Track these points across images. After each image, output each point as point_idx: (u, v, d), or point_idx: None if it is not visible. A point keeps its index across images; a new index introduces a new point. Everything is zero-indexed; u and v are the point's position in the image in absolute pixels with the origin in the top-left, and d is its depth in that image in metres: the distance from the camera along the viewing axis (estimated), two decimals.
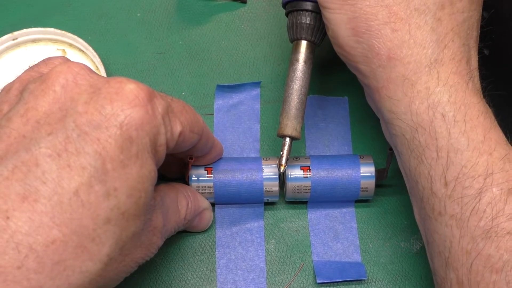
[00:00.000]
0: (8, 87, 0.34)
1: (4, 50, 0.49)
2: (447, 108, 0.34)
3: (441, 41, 0.35)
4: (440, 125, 0.34)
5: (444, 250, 0.34)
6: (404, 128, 0.35)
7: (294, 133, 0.40)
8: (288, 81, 0.41)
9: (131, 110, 0.31)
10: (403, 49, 0.35)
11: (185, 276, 0.42)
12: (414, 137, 0.35)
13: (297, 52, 0.41)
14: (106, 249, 0.30)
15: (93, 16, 0.52)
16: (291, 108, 0.40)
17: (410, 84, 0.35)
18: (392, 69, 0.35)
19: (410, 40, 0.35)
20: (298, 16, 0.41)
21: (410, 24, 0.35)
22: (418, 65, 0.35)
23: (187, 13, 0.53)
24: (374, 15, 0.35)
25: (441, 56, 0.35)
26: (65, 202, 0.29)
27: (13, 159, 0.29)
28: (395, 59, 0.35)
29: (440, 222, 0.34)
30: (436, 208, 0.34)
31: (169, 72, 0.50)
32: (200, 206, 0.42)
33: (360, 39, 0.36)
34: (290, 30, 0.42)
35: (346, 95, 0.49)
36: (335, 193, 0.43)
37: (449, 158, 0.33)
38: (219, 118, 0.48)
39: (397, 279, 0.42)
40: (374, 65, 0.36)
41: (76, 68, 0.32)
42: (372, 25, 0.35)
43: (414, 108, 0.35)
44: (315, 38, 0.41)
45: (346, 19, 0.36)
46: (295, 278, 0.42)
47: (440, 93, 0.34)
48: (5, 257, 0.27)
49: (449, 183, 0.33)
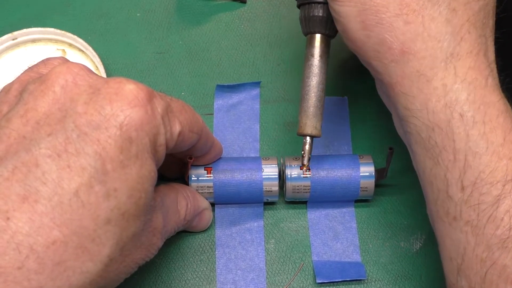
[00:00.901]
0: (8, 88, 0.34)
1: (3, 50, 0.49)
2: (465, 107, 0.32)
3: (457, 33, 0.33)
4: (458, 126, 0.32)
5: (457, 256, 0.33)
6: (420, 127, 0.34)
7: (315, 131, 0.39)
8: (305, 77, 0.40)
9: (131, 110, 0.31)
10: (417, 43, 0.33)
11: (185, 276, 0.42)
12: (430, 137, 0.33)
13: (312, 46, 0.39)
14: (107, 250, 0.30)
15: (93, 16, 0.52)
16: (310, 106, 0.39)
17: (426, 80, 0.33)
18: (406, 64, 0.34)
19: (424, 33, 0.33)
20: (310, 9, 0.39)
21: (424, 16, 0.33)
22: (433, 59, 0.33)
23: (187, 13, 0.53)
24: (385, 7, 0.34)
25: (458, 50, 0.33)
26: (65, 202, 0.29)
27: (13, 159, 0.29)
28: (408, 53, 0.34)
29: (454, 227, 0.33)
30: (451, 213, 0.33)
31: (169, 72, 0.50)
32: (199, 206, 0.42)
33: (370, 33, 0.34)
34: (303, 24, 0.40)
35: (346, 95, 0.49)
36: (334, 193, 0.43)
37: (467, 161, 0.32)
38: (219, 118, 0.48)
39: (397, 279, 0.42)
40: (387, 60, 0.34)
41: (76, 69, 0.32)
42: (383, 18, 0.34)
43: (430, 106, 0.33)
44: (329, 31, 0.39)
45: (356, 11, 0.34)
46: (295, 278, 0.42)
47: (458, 90, 0.33)
48: (5, 258, 0.27)
49: (466, 188, 0.32)
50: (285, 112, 0.48)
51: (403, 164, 0.46)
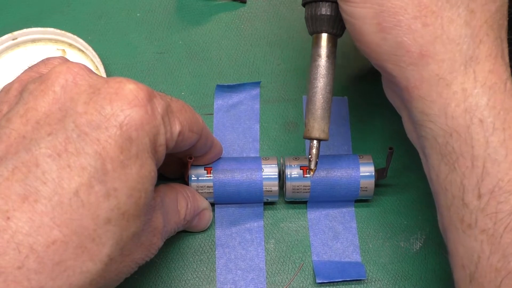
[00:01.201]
0: (8, 88, 0.34)
1: (4, 50, 0.49)
2: (485, 113, 0.32)
3: (476, 35, 0.32)
4: (478, 132, 0.31)
5: (470, 264, 0.32)
6: (437, 132, 0.33)
7: (323, 135, 0.38)
8: (312, 79, 0.38)
9: (131, 110, 0.31)
10: (436, 46, 0.32)
11: (185, 276, 0.42)
12: (448, 142, 0.32)
13: (319, 46, 0.38)
14: (107, 250, 0.30)
15: (93, 16, 0.52)
16: (317, 108, 0.38)
17: (445, 84, 0.32)
18: (425, 67, 0.33)
19: (443, 36, 0.32)
20: (317, 7, 0.37)
21: (443, 18, 0.32)
22: (452, 63, 0.32)
23: (187, 13, 0.53)
24: (403, 9, 0.32)
25: (477, 53, 0.32)
26: (65, 202, 0.29)
27: (13, 159, 0.29)
28: (428, 56, 0.32)
29: (468, 235, 0.32)
30: (466, 220, 0.32)
31: (168, 72, 0.50)
32: (199, 206, 0.42)
33: (387, 36, 0.33)
34: (309, 23, 0.38)
35: (346, 95, 0.49)
36: (334, 193, 0.43)
37: (485, 168, 0.31)
38: (219, 118, 0.48)
39: (397, 279, 0.42)
40: (404, 64, 0.33)
41: (76, 69, 0.32)
42: (401, 20, 0.33)
43: (449, 111, 0.32)
44: (337, 30, 0.38)
45: (372, 13, 0.33)
46: (295, 278, 0.42)
47: (478, 95, 0.32)
48: (5, 258, 0.27)
49: (483, 196, 0.31)
50: (285, 112, 0.48)
51: (403, 164, 0.46)
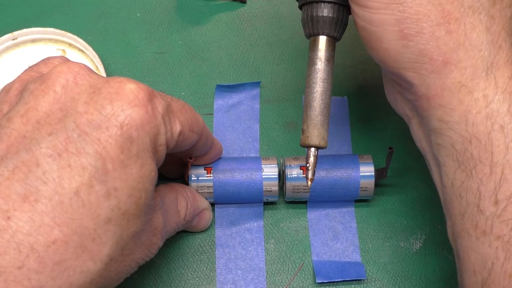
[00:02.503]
0: (8, 87, 0.34)
1: (4, 50, 0.49)
2: (506, 119, 0.31)
3: (496, 41, 0.32)
4: (498, 138, 0.31)
5: (483, 270, 0.32)
6: (455, 139, 0.32)
7: (322, 142, 0.36)
8: (311, 83, 0.36)
9: (131, 110, 0.31)
10: (459, 53, 0.32)
11: (185, 275, 0.42)
12: (466, 149, 0.32)
13: (318, 49, 0.36)
14: (107, 249, 0.30)
15: (93, 16, 0.52)
16: (317, 115, 0.36)
17: (467, 91, 0.32)
18: (448, 75, 0.32)
19: (466, 42, 0.32)
20: (316, 8, 0.35)
21: (465, 24, 0.32)
22: (474, 70, 0.32)
23: (187, 13, 0.53)
24: (427, 15, 0.32)
25: (497, 59, 0.32)
26: (65, 202, 0.29)
27: (13, 159, 0.29)
28: (451, 64, 0.32)
29: (482, 241, 0.31)
30: (480, 227, 0.32)
31: (168, 72, 0.50)
32: (199, 206, 0.42)
33: (410, 43, 0.32)
34: (307, 25, 0.36)
35: (346, 95, 0.49)
36: (334, 192, 0.43)
37: (504, 175, 0.31)
38: (219, 118, 0.48)
39: (397, 279, 0.42)
40: (426, 71, 0.32)
41: (76, 68, 0.32)
42: (424, 27, 0.32)
43: (470, 118, 0.32)
44: (337, 33, 0.36)
45: (393, 20, 0.32)
46: (295, 277, 0.42)
47: (499, 101, 0.31)
48: (6, 257, 0.27)
49: (500, 202, 0.31)
50: (285, 112, 0.48)
51: (403, 164, 0.46)
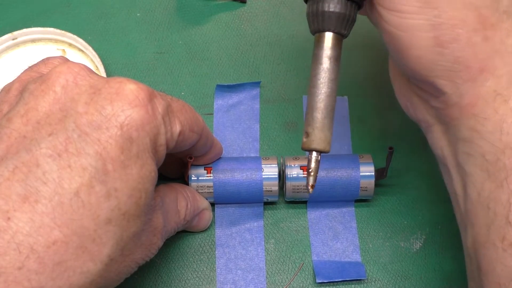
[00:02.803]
0: (8, 87, 0.34)
1: (4, 50, 0.49)
2: None
3: None
4: None
5: (509, 284, 0.30)
6: (487, 149, 0.31)
7: (328, 147, 0.33)
8: (318, 83, 0.33)
9: (132, 110, 0.31)
10: (496, 60, 0.31)
11: (185, 275, 0.42)
12: (499, 159, 0.31)
13: (324, 47, 0.33)
14: (107, 250, 0.30)
15: (93, 16, 0.52)
16: (323, 117, 0.33)
17: (503, 100, 0.31)
18: (483, 83, 0.31)
19: (502, 49, 0.31)
20: (323, 2, 0.33)
21: (501, 30, 0.31)
22: (510, 77, 0.31)
23: (187, 13, 0.53)
24: (463, 21, 0.30)
25: None
26: (66, 202, 0.29)
27: (13, 159, 0.29)
28: (487, 72, 0.31)
29: (510, 253, 0.30)
30: (508, 238, 0.30)
31: (168, 72, 0.50)
32: (199, 206, 0.42)
33: (445, 50, 0.31)
34: (313, 20, 0.33)
35: (346, 95, 0.49)
36: (334, 192, 0.43)
37: None
38: (219, 118, 0.48)
39: (397, 279, 0.42)
40: (461, 80, 0.31)
41: (76, 69, 0.32)
42: (460, 33, 0.30)
43: (505, 128, 0.31)
44: (345, 30, 0.33)
45: (427, 26, 0.30)
46: (295, 277, 0.42)
47: None
48: (6, 258, 0.27)
49: None
50: (285, 112, 0.48)
51: (403, 164, 0.46)
